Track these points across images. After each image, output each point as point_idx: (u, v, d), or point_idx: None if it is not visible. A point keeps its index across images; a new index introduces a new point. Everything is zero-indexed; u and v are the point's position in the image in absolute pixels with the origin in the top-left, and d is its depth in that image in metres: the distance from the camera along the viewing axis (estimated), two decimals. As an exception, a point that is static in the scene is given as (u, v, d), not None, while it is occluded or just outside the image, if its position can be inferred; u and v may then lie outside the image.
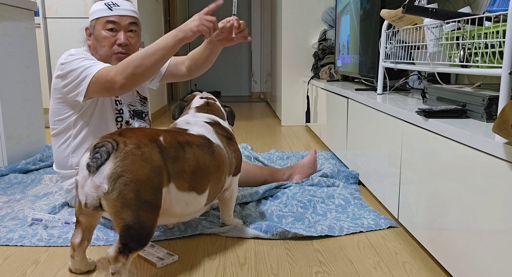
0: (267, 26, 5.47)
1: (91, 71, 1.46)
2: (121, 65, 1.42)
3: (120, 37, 1.59)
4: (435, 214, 1.21)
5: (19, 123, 2.44)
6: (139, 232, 1.07)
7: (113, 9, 1.59)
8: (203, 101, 1.54)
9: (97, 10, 1.60)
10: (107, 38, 1.58)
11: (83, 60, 1.51)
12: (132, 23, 1.61)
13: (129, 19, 1.61)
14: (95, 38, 1.60)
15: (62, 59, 1.54)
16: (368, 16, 2.27)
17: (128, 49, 1.61)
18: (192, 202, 1.25)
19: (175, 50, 1.45)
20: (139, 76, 1.42)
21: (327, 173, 2.04)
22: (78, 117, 1.60)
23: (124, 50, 1.60)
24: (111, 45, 1.59)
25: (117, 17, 1.59)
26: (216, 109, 1.54)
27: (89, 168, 1.07)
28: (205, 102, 1.54)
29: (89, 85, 1.46)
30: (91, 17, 1.61)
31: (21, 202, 1.80)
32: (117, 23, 1.59)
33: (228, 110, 1.62)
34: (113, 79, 1.42)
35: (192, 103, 1.54)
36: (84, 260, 1.22)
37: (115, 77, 1.41)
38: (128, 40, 1.61)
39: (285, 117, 3.91)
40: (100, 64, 1.49)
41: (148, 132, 1.18)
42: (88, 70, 1.47)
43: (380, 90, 2.00)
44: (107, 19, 1.58)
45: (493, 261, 0.94)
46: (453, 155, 1.12)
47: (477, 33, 1.26)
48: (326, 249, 1.39)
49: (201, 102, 1.54)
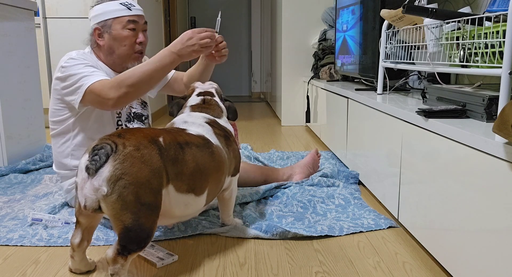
0: (267, 26, 5.47)
1: (87, 81, 1.46)
2: (115, 82, 1.42)
3: (140, 36, 1.62)
4: (435, 214, 1.21)
5: (19, 123, 2.44)
6: (138, 234, 1.07)
7: (132, 9, 1.61)
8: (199, 99, 1.49)
9: (114, 10, 1.59)
10: (128, 37, 1.60)
11: (83, 66, 1.50)
12: (145, 23, 1.66)
13: (143, 19, 1.65)
14: (112, 38, 1.60)
15: (63, 61, 1.53)
16: (368, 16, 2.27)
17: (144, 48, 1.66)
18: (191, 204, 1.24)
19: (169, 72, 1.49)
20: (132, 95, 1.44)
21: (327, 173, 2.04)
22: (77, 119, 1.59)
23: (142, 49, 1.64)
24: (132, 44, 1.61)
25: (137, 17, 1.61)
26: (212, 107, 1.49)
27: (88, 171, 1.06)
28: (201, 100, 1.49)
29: (84, 95, 1.46)
30: (106, 16, 1.60)
31: (21, 202, 1.80)
32: (137, 23, 1.61)
33: (227, 105, 1.57)
34: (107, 96, 1.42)
35: (188, 102, 1.50)
36: (84, 260, 1.22)
37: (108, 94, 1.42)
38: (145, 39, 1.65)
39: (285, 117, 3.91)
40: (97, 74, 1.48)
41: (147, 133, 1.17)
42: (85, 79, 1.47)
43: (380, 90, 2.00)
44: (128, 18, 1.59)
45: (493, 261, 0.94)
46: (453, 155, 1.12)
47: (477, 33, 1.26)
48: (326, 249, 1.39)
49: (197, 100, 1.49)
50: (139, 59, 1.65)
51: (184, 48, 1.43)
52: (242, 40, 7.06)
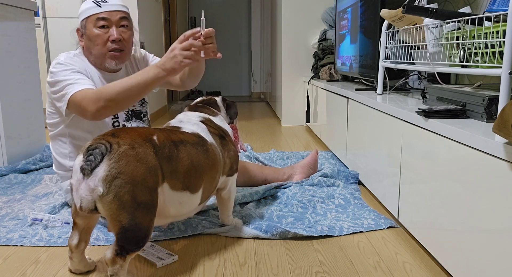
0: (267, 26, 5.47)
1: (71, 89, 1.44)
2: (94, 95, 1.38)
3: (112, 33, 1.55)
4: (435, 214, 1.21)
5: (19, 123, 2.44)
6: (136, 234, 1.06)
7: (102, 6, 1.55)
8: (198, 100, 1.55)
9: (86, 9, 1.56)
10: (99, 35, 1.55)
11: (70, 72, 1.48)
12: (122, 17, 1.58)
13: (119, 14, 1.57)
14: (87, 38, 1.57)
15: (52, 65, 1.52)
16: (368, 16, 2.27)
17: (122, 44, 1.58)
18: (186, 202, 1.24)
19: (153, 88, 1.40)
20: (112, 108, 1.39)
21: (327, 173, 2.04)
22: (71, 121, 1.58)
23: (118, 46, 1.57)
24: (104, 42, 1.55)
25: (107, 13, 1.55)
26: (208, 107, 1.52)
27: (83, 171, 1.06)
28: (199, 100, 1.54)
29: (67, 103, 1.45)
30: (81, 17, 1.58)
31: (21, 202, 1.80)
32: (108, 19, 1.55)
33: (226, 104, 1.59)
34: (86, 108, 1.39)
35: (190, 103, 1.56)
36: (83, 261, 1.22)
37: (87, 106, 1.38)
38: (121, 36, 1.57)
39: (285, 117, 3.91)
40: (81, 82, 1.45)
41: (141, 132, 1.17)
42: (69, 87, 1.45)
43: (380, 90, 2.00)
44: (97, 16, 1.54)
45: (493, 261, 0.94)
46: (453, 155, 1.11)
47: (477, 33, 1.26)
48: (326, 249, 1.39)
49: (196, 101, 1.56)
50: (118, 57, 1.58)
51: (167, 61, 1.35)
52: (242, 40, 7.06)
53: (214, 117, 1.49)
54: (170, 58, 1.34)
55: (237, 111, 1.61)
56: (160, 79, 1.36)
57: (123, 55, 1.60)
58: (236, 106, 1.61)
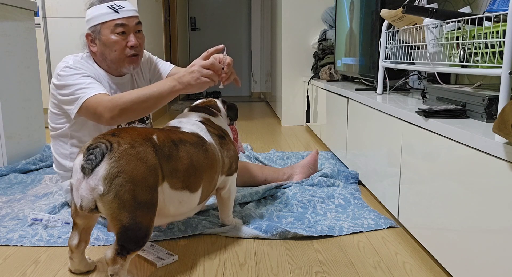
0: (267, 26, 5.47)
1: (85, 93, 1.43)
2: (110, 103, 1.39)
3: (131, 39, 1.54)
4: (435, 214, 1.21)
5: (19, 123, 2.44)
6: (136, 233, 1.06)
7: (120, 12, 1.53)
8: (198, 101, 1.56)
9: (101, 14, 1.53)
10: (118, 42, 1.53)
11: (80, 76, 1.47)
12: (138, 23, 1.58)
13: (135, 19, 1.57)
14: (103, 43, 1.54)
15: (60, 68, 1.50)
16: (368, 16, 2.27)
17: (139, 50, 1.59)
18: (185, 201, 1.24)
19: (169, 100, 1.42)
20: (126, 118, 1.42)
21: (327, 173, 2.04)
22: (75, 123, 1.57)
23: (136, 52, 1.57)
24: (123, 48, 1.54)
25: (125, 19, 1.53)
26: (208, 107, 1.53)
27: (83, 170, 1.06)
28: (200, 102, 1.55)
29: (80, 107, 1.44)
30: (94, 21, 1.55)
31: (21, 202, 1.80)
32: (126, 26, 1.53)
33: (226, 105, 1.60)
34: (102, 114, 1.39)
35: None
36: (83, 261, 1.22)
37: (103, 113, 1.39)
38: (138, 41, 1.57)
39: (285, 117, 3.91)
40: (94, 87, 1.45)
41: (141, 131, 1.17)
42: (82, 92, 1.44)
43: (380, 90, 2.00)
44: (116, 22, 1.52)
45: (493, 261, 0.94)
46: (453, 155, 1.11)
47: (477, 33, 1.26)
48: (326, 249, 1.39)
49: (196, 102, 1.56)
50: (135, 61, 1.59)
51: (185, 75, 1.38)
52: (242, 40, 7.06)
53: (214, 117, 1.49)
54: (188, 72, 1.38)
55: (237, 113, 1.61)
56: (176, 92, 1.40)
57: (138, 59, 1.61)
58: (236, 108, 1.62)
